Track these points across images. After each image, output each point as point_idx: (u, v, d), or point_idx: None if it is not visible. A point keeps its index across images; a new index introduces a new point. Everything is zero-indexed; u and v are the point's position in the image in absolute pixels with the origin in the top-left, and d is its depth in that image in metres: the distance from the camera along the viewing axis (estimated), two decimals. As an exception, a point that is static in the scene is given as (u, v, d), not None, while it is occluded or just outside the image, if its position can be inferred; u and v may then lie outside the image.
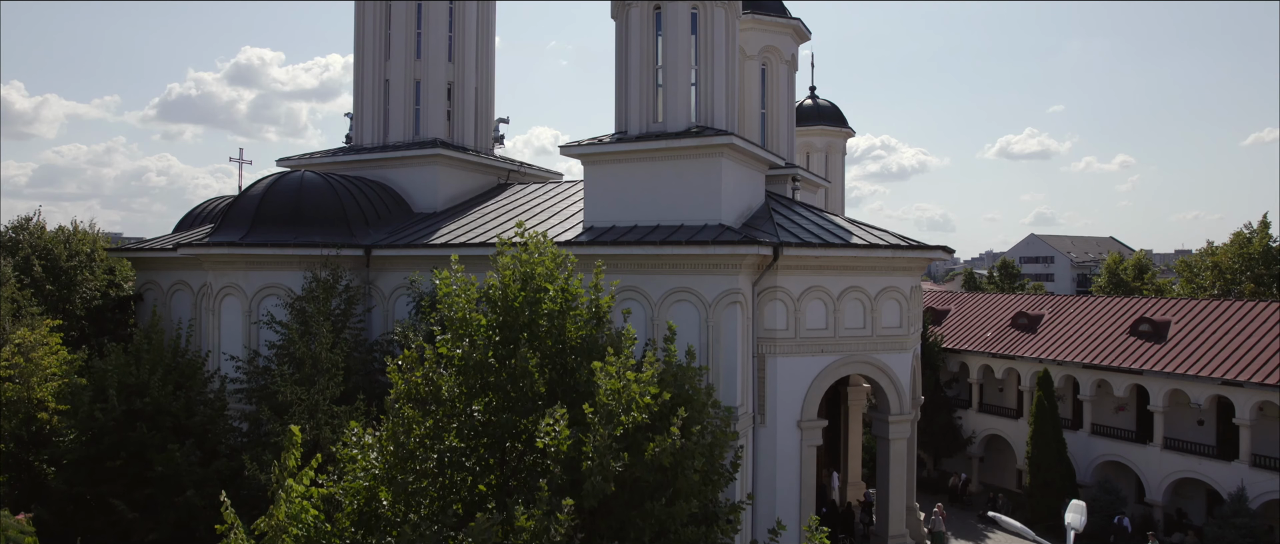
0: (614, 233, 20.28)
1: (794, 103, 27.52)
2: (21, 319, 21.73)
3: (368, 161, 26.48)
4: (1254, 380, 23.17)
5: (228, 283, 22.46)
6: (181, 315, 27.87)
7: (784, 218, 21.49)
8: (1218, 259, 29.36)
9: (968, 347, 32.59)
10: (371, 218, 24.00)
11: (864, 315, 20.80)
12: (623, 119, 21.81)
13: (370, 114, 27.81)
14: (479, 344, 10.70)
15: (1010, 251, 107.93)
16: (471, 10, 28.42)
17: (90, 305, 25.19)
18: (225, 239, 22.14)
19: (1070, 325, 30.37)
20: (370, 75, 27.93)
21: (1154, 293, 33.57)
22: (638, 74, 21.37)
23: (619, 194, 20.91)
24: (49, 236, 25.40)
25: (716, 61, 21.22)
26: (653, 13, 21.38)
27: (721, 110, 21.25)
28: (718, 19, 21.24)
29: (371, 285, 23.19)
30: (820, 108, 39.62)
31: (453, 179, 26.24)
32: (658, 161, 20.49)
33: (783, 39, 26.72)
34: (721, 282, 19.05)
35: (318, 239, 22.36)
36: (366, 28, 28.02)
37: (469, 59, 28.37)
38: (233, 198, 31.12)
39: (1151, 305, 28.78)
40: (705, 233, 19.20)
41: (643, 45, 21.33)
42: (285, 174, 24.02)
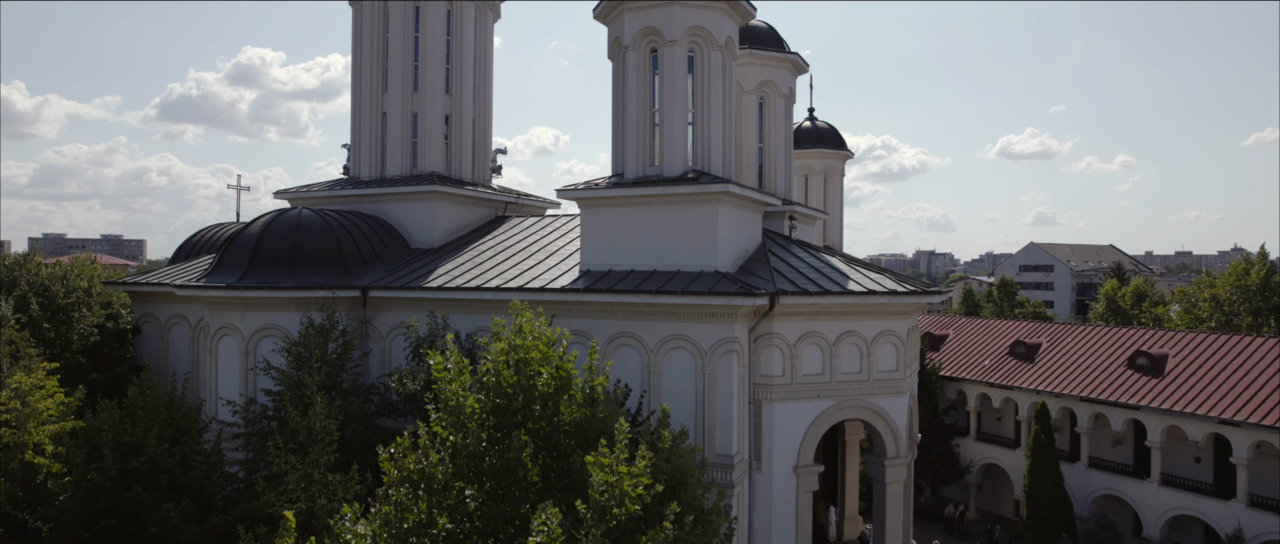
0: (610, 278, 20.27)
1: (791, 136, 27.51)
2: (20, 360, 21.74)
3: (365, 196, 26.46)
4: (1251, 420, 23.16)
5: (224, 323, 22.46)
6: (179, 348, 27.93)
7: (781, 260, 21.48)
8: (1216, 291, 29.35)
9: (966, 375, 32.58)
10: (368, 256, 23.98)
11: (860, 360, 20.78)
12: (619, 160, 21.81)
13: (367, 147, 27.79)
14: (472, 429, 10.71)
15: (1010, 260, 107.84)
16: (469, 43, 28.39)
17: (87, 342, 25.18)
18: (222, 281, 22.13)
19: (1068, 355, 30.35)
20: (367, 108, 27.91)
21: (1152, 323, 33.54)
22: (634, 117, 21.36)
23: (615, 238, 20.91)
24: (46, 273, 25.40)
25: (713, 105, 21.21)
26: (649, 56, 21.37)
27: (718, 153, 21.24)
28: (714, 62, 21.23)
29: (368, 324, 23.19)
30: (819, 130, 39.60)
31: (450, 214, 26.22)
32: (654, 207, 20.49)
33: (780, 73, 26.70)
34: (718, 329, 19.05)
35: (314, 280, 22.35)
36: (363, 60, 28.00)
37: (466, 91, 28.35)
38: (231, 233, 31.13)
39: (1149, 337, 28.77)
40: (701, 281, 19.19)
41: (639, 88, 21.31)
42: (282, 213, 24.01)
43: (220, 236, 32.06)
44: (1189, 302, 31.01)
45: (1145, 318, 33.80)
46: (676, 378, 19.53)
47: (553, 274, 21.52)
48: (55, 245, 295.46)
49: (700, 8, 20.82)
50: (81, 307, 25.19)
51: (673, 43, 20.71)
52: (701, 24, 20.90)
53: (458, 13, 28.18)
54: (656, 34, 20.92)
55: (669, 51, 20.84)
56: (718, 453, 19.00)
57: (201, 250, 31.50)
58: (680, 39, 20.73)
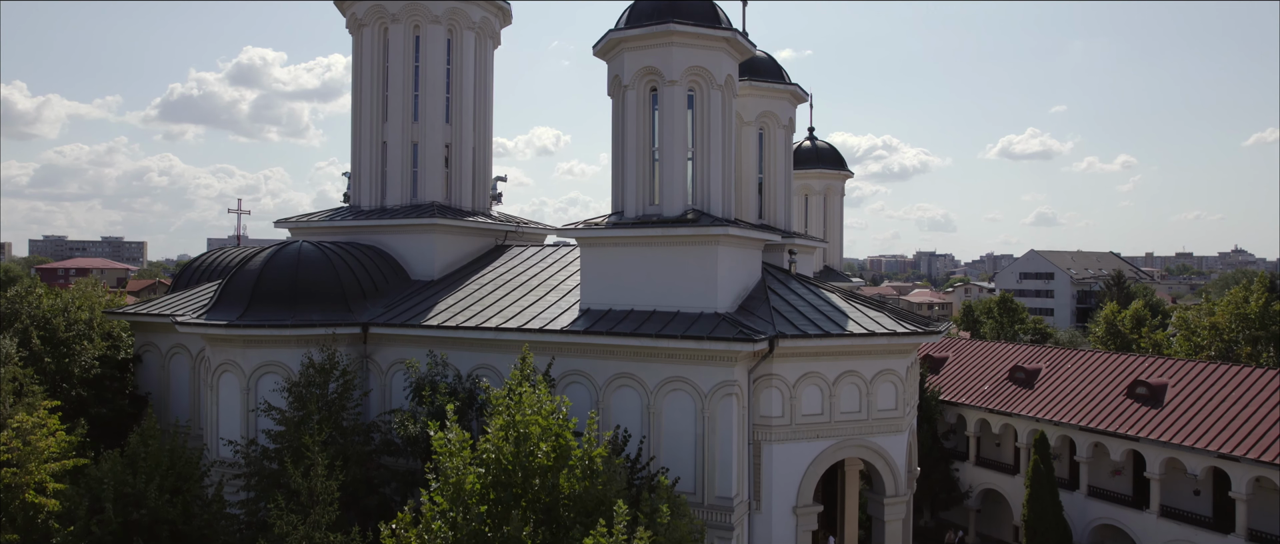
0: (610, 319, 20.31)
1: (791, 166, 27.55)
2: (23, 397, 21.81)
3: (365, 227, 26.49)
4: (1250, 456, 23.21)
5: (225, 359, 22.51)
6: (180, 378, 28.00)
7: (780, 298, 21.53)
8: (1216, 319, 29.38)
9: (965, 400, 32.63)
10: (368, 289, 24.03)
11: (860, 399, 20.83)
12: (619, 198, 21.87)
13: (368, 176, 27.83)
14: (472, 507, 10.76)
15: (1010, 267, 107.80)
16: (469, 71, 28.42)
17: (88, 374, 25.23)
18: (223, 318, 22.18)
19: (1067, 382, 30.40)
20: (367, 137, 27.95)
21: (1151, 348, 33.60)
22: (634, 155, 21.41)
23: (615, 277, 20.97)
24: (48, 305, 25.44)
25: (712, 143, 21.27)
26: (649, 94, 21.42)
27: (717, 192, 21.30)
28: (714, 101, 21.28)
29: (369, 359, 23.24)
30: (819, 150, 39.72)
31: (450, 245, 26.26)
32: (654, 247, 20.54)
33: (780, 104, 26.75)
34: (718, 372, 19.10)
35: (315, 317, 22.40)
36: (364, 89, 28.04)
37: (466, 120, 28.38)
38: (233, 258, 31.24)
39: (1148, 366, 28.80)
40: (701, 324, 19.24)
41: (639, 127, 21.37)
42: (283, 246, 24.05)
43: (221, 263, 32.16)
44: (1188, 328, 31.03)
45: (1144, 342, 33.86)
46: (676, 419, 19.60)
47: (553, 313, 21.57)
48: (56, 247, 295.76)
49: (700, 48, 20.87)
50: (83, 339, 25.24)
51: (672, 83, 20.76)
52: (701, 64, 20.96)
53: (458, 41, 28.22)
54: (656, 74, 20.97)
55: (669, 91, 20.89)
56: (717, 495, 19.07)
57: (202, 276, 31.61)
58: (680, 79, 20.79)
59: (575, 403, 20.44)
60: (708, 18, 20.99)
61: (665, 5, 20.89)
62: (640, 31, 20.68)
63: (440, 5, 27.54)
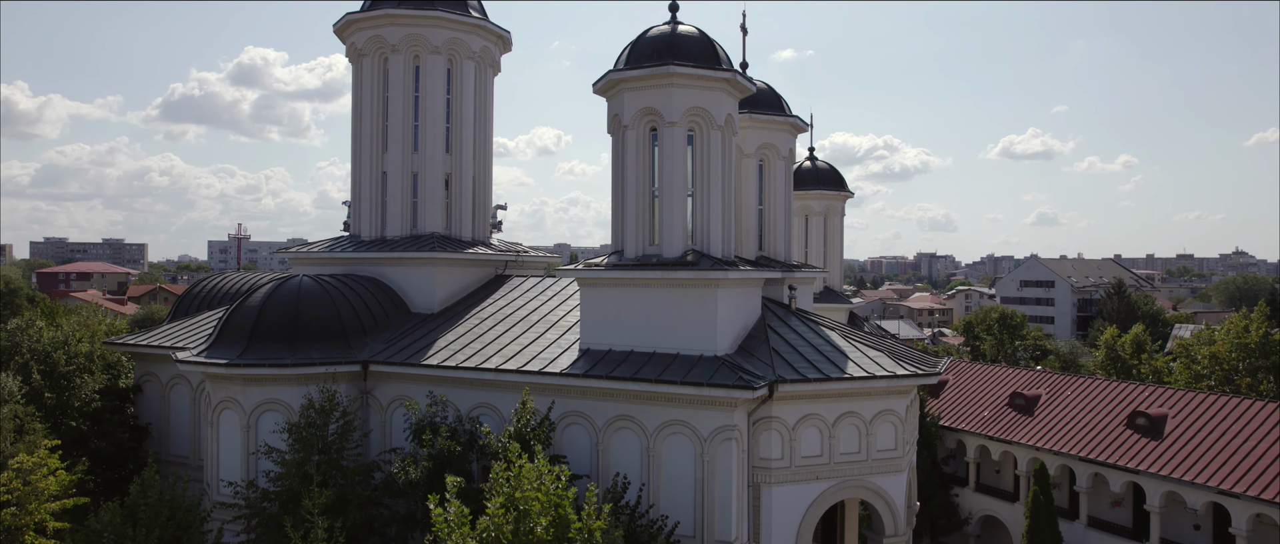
0: (609, 361, 20.33)
1: (791, 197, 27.53)
2: (24, 435, 21.84)
3: (365, 260, 26.49)
4: (1250, 493, 23.21)
5: (225, 396, 22.53)
6: (180, 408, 28.04)
7: (780, 338, 21.53)
8: (1216, 349, 29.37)
9: (965, 426, 32.64)
10: (368, 324, 24.05)
11: (859, 440, 20.84)
12: (618, 236, 21.87)
13: (368, 206, 27.83)
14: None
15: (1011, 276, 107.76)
16: (469, 101, 28.43)
17: (89, 407, 25.25)
18: (223, 356, 22.19)
19: (1067, 410, 30.40)
20: (367, 167, 27.95)
21: (1151, 375, 33.59)
22: (634, 194, 21.41)
23: (615, 317, 20.98)
24: (49, 339, 25.44)
25: (712, 183, 21.26)
26: (649, 134, 21.42)
27: (717, 232, 21.29)
28: (714, 141, 21.28)
29: (369, 395, 23.26)
30: (819, 171, 39.73)
31: (450, 278, 26.27)
32: (653, 288, 20.56)
33: (780, 135, 26.74)
34: (717, 417, 19.12)
35: (315, 354, 22.42)
36: (363, 119, 28.05)
37: (466, 150, 28.40)
38: (232, 292, 31.23)
39: (1148, 396, 28.80)
40: (700, 369, 19.24)
41: (639, 166, 21.36)
42: (284, 282, 24.06)
43: (222, 290, 32.19)
44: (1189, 356, 31.02)
45: (1144, 368, 33.83)
46: (676, 462, 19.62)
47: (552, 353, 21.58)
48: (56, 250, 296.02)
49: (700, 89, 20.87)
50: (83, 372, 25.26)
51: (672, 124, 20.76)
52: (701, 104, 20.96)
53: (458, 71, 28.23)
54: (656, 114, 20.97)
55: (668, 132, 20.89)
56: (717, 538, 19.09)
57: (203, 304, 31.63)
58: (680, 120, 20.78)
59: (575, 444, 20.66)
60: (708, 58, 21.00)
61: (665, 46, 20.90)
62: (640, 73, 20.68)
63: (440, 35, 27.56)
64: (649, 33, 21.59)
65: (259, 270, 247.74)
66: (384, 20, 27.21)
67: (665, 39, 21.06)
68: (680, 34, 21.26)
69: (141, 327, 75.24)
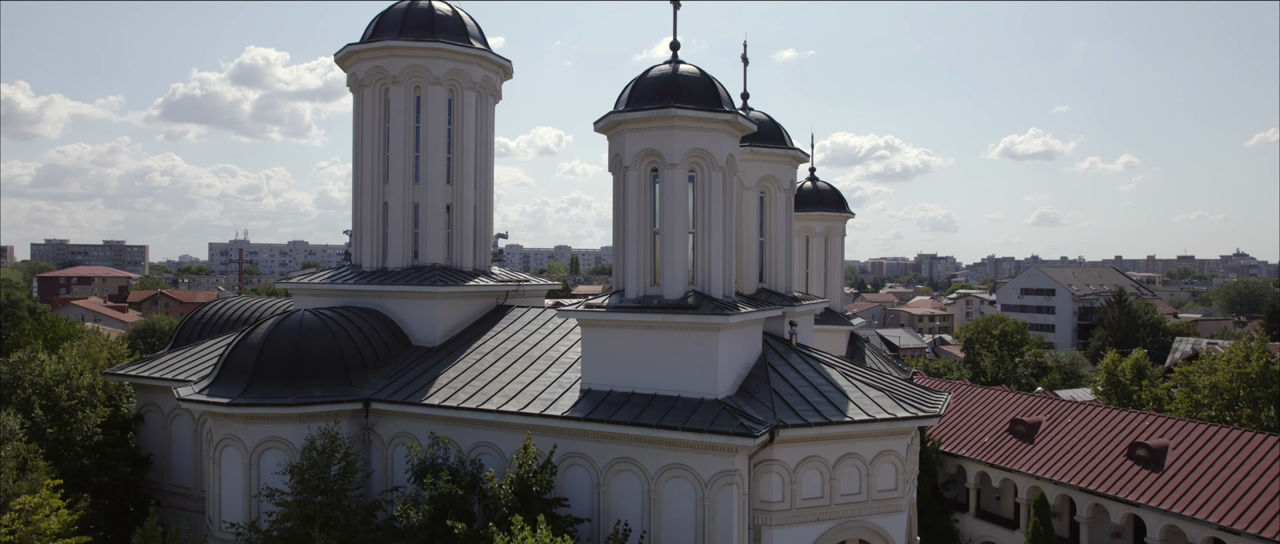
0: (610, 404, 20.35)
1: (792, 229, 27.56)
2: (27, 473, 21.88)
3: (367, 292, 26.51)
4: (1251, 530, 23.23)
5: (227, 434, 22.57)
6: (182, 439, 28.08)
7: (781, 378, 21.56)
8: (1216, 378, 29.37)
9: (965, 452, 32.68)
10: (370, 360, 24.08)
11: (860, 481, 20.86)
12: (620, 275, 21.91)
13: (369, 236, 27.87)
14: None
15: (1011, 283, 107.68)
16: (470, 131, 28.47)
17: (91, 441, 25.29)
18: (225, 395, 22.23)
19: (1067, 438, 30.43)
20: (369, 197, 27.99)
21: (1152, 402, 33.58)
22: (635, 234, 21.45)
23: (617, 357, 21.01)
24: (51, 372, 25.45)
25: (713, 223, 21.30)
26: (650, 175, 21.45)
27: (718, 273, 21.33)
28: (715, 182, 21.31)
29: (371, 431, 23.30)
30: (820, 192, 39.79)
31: (451, 310, 26.29)
32: (654, 331, 20.58)
33: (781, 167, 26.77)
34: (718, 461, 19.16)
35: (317, 393, 22.47)
36: (365, 150, 28.08)
37: (468, 180, 28.43)
38: (234, 319, 31.26)
39: (1149, 426, 28.82)
40: (701, 414, 19.27)
41: (640, 207, 21.40)
42: (286, 317, 24.07)
43: (223, 317, 32.24)
44: (1190, 385, 31.02)
45: (1145, 395, 33.84)
46: (676, 505, 19.65)
47: (553, 392, 21.60)
48: (57, 252, 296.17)
49: (702, 131, 20.91)
50: (85, 406, 25.29)
51: (674, 166, 20.79)
52: (703, 146, 21.00)
53: (459, 101, 28.27)
54: (657, 156, 21.00)
55: (670, 174, 20.92)
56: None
57: (204, 331, 31.69)
58: (681, 162, 20.82)
59: (576, 485, 20.70)
60: (709, 100, 21.03)
61: (666, 87, 20.93)
62: (641, 115, 20.72)
63: (441, 66, 27.59)
64: (650, 73, 21.62)
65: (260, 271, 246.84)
66: (385, 52, 27.24)
67: (666, 80, 21.09)
68: (681, 75, 21.29)
69: (142, 337, 75.35)
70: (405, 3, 28.59)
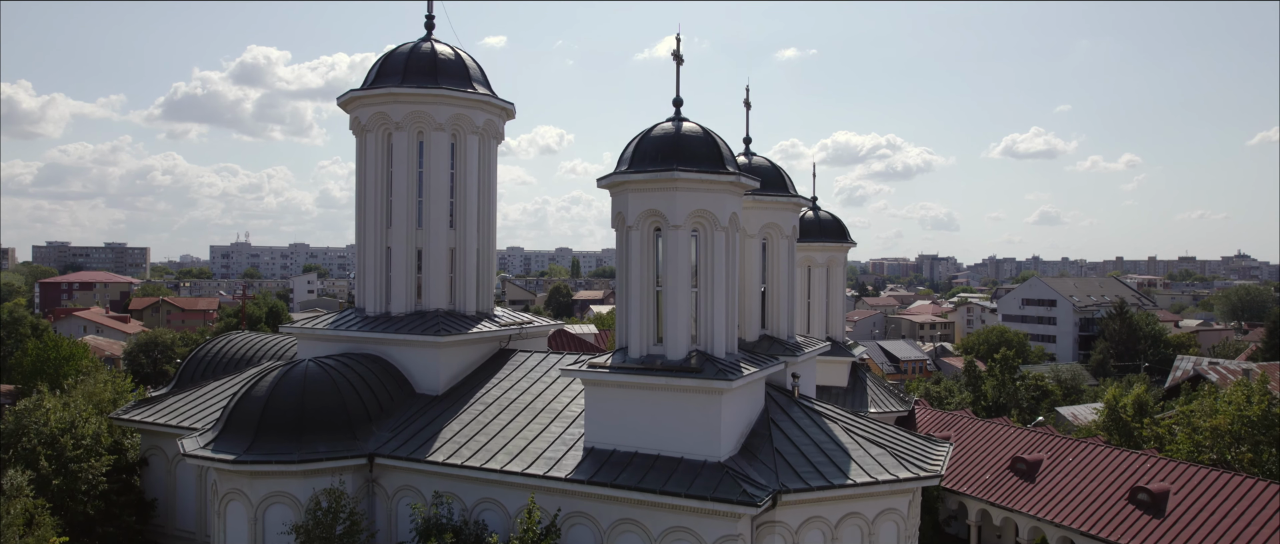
0: (613, 466, 20.42)
1: (794, 274, 27.64)
2: (34, 528, 21.99)
3: (370, 339, 26.58)
4: (1251, 583, 23.29)
5: (232, 488, 22.67)
6: (186, 484, 28.20)
7: (784, 435, 21.65)
8: (1217, 422, 29.43)
9: (966, 489, 32.76)
10: (374, 411, 24.18)
11: (862, 540, 20.94)
12: (623, 333, 22.01)
13: (372, 281, 27.93)
14: None
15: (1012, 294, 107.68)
16: (473, 175, 28.55)
17: (96, 489, 25.39)
18: (229, 450, 22.32)
19: (1068, 478, 30.49)
20: (372, 241, 28.06)
21: (1154, 440, 33.64)
22: (638, 292, 21.55)
23: (620, 417, 21.08)
24: (56, 422, 25.51)
25: (717, 283, 21.38)
26: (652, 234, 21.53)
27: (722, 332, 21.43)
28: (718, 242, 21.40)
29: (375, 483, 23.40)
30: (822, 223, 39.91)
31: (454, 358, 26.35)
32: (658, 392, 20.66)
33: (783, 214, 26.86)
34: (721, 525, 19.23)
35: (321, 448, 22.56)
36: (368, 194, 28.15)
37: (470, 225, 28.51)
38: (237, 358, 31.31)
39: (1151, 468, 28.87)
40: (704, 480, 19.34)
41: (643, 266, 21.50)
42: (290, 370, 24.15)
43: (225, 356, 32.35)
44: (1191, 427, 31.07)
45: (1146, 432, 33.90)
46: (680, 568, 19.72)
47: (557, 450, 21.68)
48: (58, 254, 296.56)
49: (705, 192, 20.99)
50: (91, 456, 25.40)
51: (677, 227, 20.87)
52: (706, 207, 21.09)
53: (462, 146, 28.34)
54: (660, 216, 21.09)
55: (673, 234, 21.00)
56: None
57: (206, 371, 31.79)
58: (684, 224, 20.91)
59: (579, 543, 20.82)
60: (712, 160, 21.11)
61: (670, 149, 21.02)
62: (644, 176, 20.80)
63: (444, 112, 27.66)
64: (653, 132, 21.70)
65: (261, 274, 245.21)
66: (387, 98, 27.31)
67: (670, 141, 21.17)
68: (685, 135, 21.37)
69: (144, 351, 75.57)
70: (408, 46, 28.68)
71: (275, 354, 32.04)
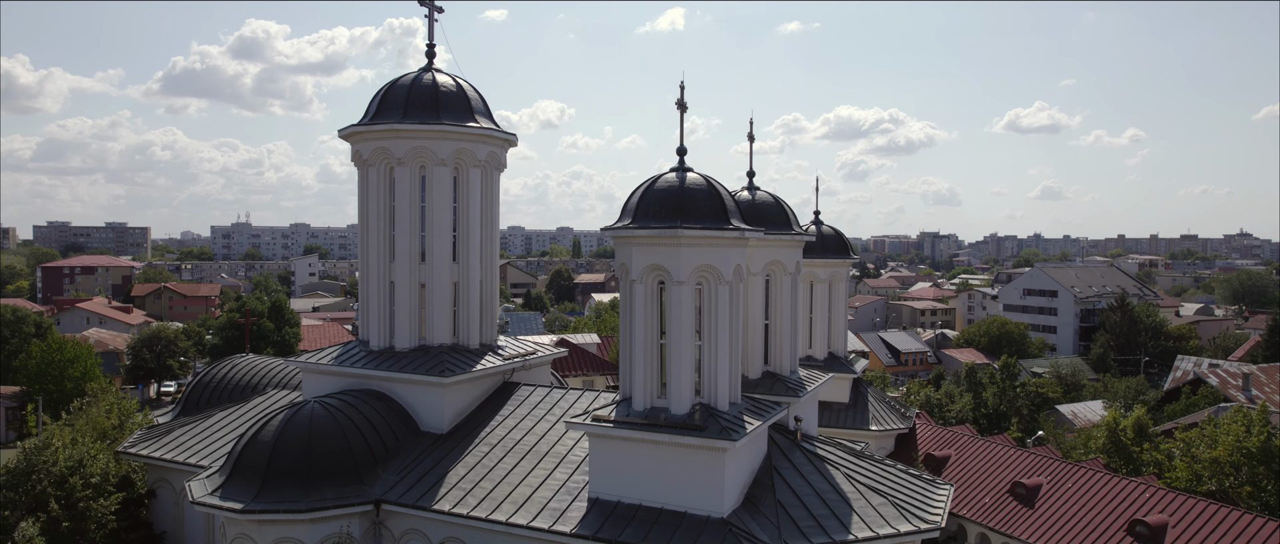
0: (619, 515, 20.63)
1: (798, 311, 27.63)
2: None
3: (375, 376, 26.68)
4: (1246, 625, 23.58)
5: (240, 533, 22.92)
6: (194, 517, 28.45)
7: (786, 485, 21.84)
8: (1217, 454, 29.59)
9: (966, 512, 33.03)
10: (379, 453, 24.35)
11: (863, 591, 21.19)
12: (627, 385, 22.12)
13: (376, 315, 27.98)
14: None
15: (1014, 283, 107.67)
16: (475, 209, 28.48)
17: (105, 528, 25.67)
18: (237, 499, 22.52)
19: (1068, 506, 30.73)
20: (375, 276, 28.08)
21: (1153, 466, 33.83)
22: (641, 344, 21.63)
23: (624, 468, 21.24)
24: (65, 461, 25.70)
25: (721, 337, 21.43)
26: (656, 287, 21.53)
27: (725, 385, 21.53)
28: (722, 296, 21.41)
29: (381, 525, 23.64)
30: (825, 238, 39.84)
31: (459, 396, 26.47)
32: (661, 447, 20.79)
33: (787, 252, 26.80)
34: (724, 582, 19.47)
35: (328, 495, 22.77)
36: (370, 228, 28.12)
37: (473, 257, 28.50)
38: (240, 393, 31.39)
39: (1149, 499, 29.07)
40: (707, 537, 19.54)
41: (647, 319, 21.55)
42: (296, 412, 24.26)
43: (230, 383, 32.52)
44: (1191, 455, 31.23)
45: (1146, 456, 34.10)
46: (683, 622, 19.99)
47: (562, 500, 21.86)
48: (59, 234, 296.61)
49: (709, 248, 20.96)
50: (99, 496, 25.63)
51: (680, 283, 20.87)
52: (710, 262, 21.08)
53: (464, 180, 28.25)
54: (664, 271, 21.09)
55: (676, 290, 21.01)
56: None
57: (212, 398, 31.99)
58: (687, 279, 20.90)
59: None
60: (716, 216, 21.07)
61: (673, 204, 20.97)
62: (648, 233, 20.77)
63: (446, 147, 27.54)
64: (657, 185, 21.64)
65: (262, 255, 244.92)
66: (389, 135, 27.17)
67: (674, 197, 21.10)
68: (688, 189, 21.30)
69: (147, 346, 75.84)
70: (409, 77, 28.47)
71: (280, 381, 32.19)
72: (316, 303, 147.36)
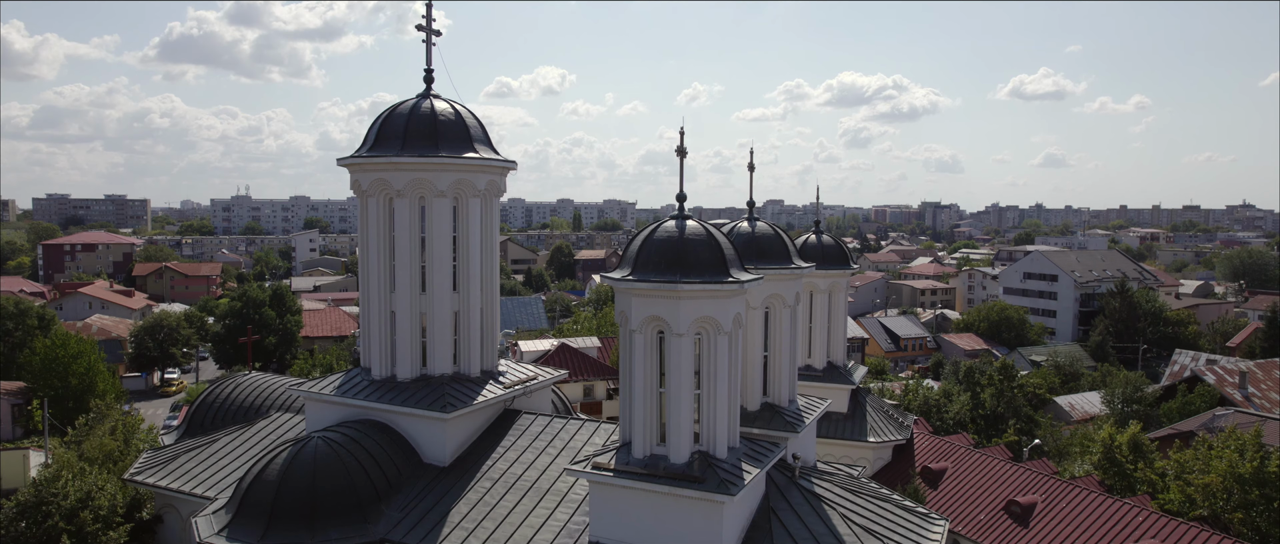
0: (618, 566, 21.00)
1: (797, 343, 27.77)
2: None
3: (377, 408, 26.93)
4: (1233, 657, 24.13)
5: (247, 570, 23.35)
6: None
7: (784, 530, 22.16)
8: (1209, 480, 29.93)
9: (961, 529, 33.55)
10: (383, 489, 24.70)
11: (858, 633, 21.65)
12: (626, 428, 22.35)
13: (377, 345, 28.15)
14: None
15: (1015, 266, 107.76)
16: (475, 237, 28.49)
17: (115, 557, 26.18)
18: (243, 540, 22.92)
19: (1062, 526, 31.21)
20: (376, 306, 28.20)
21: (1146, 486, 34.23)
22: (641, 392, 21.80)
23: (624, 515, 21.53)
24: (75, 494, 26.06)
25: (719, 387, 21.60)
26: (655, 337, 21.65)
27: (723, 433, 21.73)
28: (721, 346, 21.54)
29: (386, 560, 24.08)
30: (824, 247, 39.96)
31: (461, 428, 26.74)
32: (660, 497, 21.08)
33: (787, 286, 26.84)
34: (722, 632, 19.90)
35: (334, 533, 23.17)
36: (370, 258, 28.17)
37: (474, 286, 28.58)
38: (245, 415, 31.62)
39: (1143, 523, 29.52)
40: (706, 589, 19.93)
41: (645, 368, 21.69)
42: (300, 449, 24.56)
43: (234, 403, 32.82)
44: (1185, 478, 31.58)
45: (1140, 474, 34.49)
46: (682, 667, 20.48)
47: (564, 542, 22.23)
48: (58, 207, 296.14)
49: (708, 300, 21.02)
50: (109, 528, 26.06)
51: (680, 335, 20.98)
52: (709, 314, 21.16)
53: (464, 210, 28.23)
54: (664, 323, 21.18)
55: (676, 342, 21.12)
56: None
57: (217, 419, 32.32)
58: (686, 331, 21.00)
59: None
60: (716, 268, 21.10)
61: (673, 256, 21.00)
62: (647, 285, 20.82)
63: (445, 179, 27.47)
64: (657, 234, 21.65)
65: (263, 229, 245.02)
66: (388, 167, 27.10)
67: (673, 249, 21.13)
68: (688, 240, 21.31)
69: (150, 335, 76.29)
70: (408, 105, 28.31)
71: (284, 404, 32.49)
72: (318, 281, 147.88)
